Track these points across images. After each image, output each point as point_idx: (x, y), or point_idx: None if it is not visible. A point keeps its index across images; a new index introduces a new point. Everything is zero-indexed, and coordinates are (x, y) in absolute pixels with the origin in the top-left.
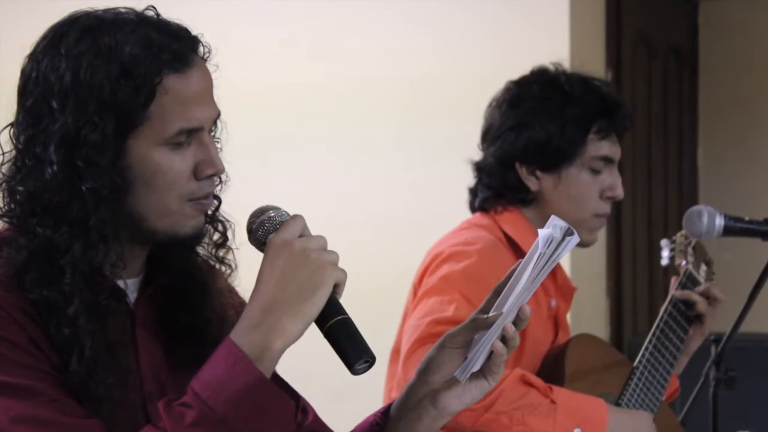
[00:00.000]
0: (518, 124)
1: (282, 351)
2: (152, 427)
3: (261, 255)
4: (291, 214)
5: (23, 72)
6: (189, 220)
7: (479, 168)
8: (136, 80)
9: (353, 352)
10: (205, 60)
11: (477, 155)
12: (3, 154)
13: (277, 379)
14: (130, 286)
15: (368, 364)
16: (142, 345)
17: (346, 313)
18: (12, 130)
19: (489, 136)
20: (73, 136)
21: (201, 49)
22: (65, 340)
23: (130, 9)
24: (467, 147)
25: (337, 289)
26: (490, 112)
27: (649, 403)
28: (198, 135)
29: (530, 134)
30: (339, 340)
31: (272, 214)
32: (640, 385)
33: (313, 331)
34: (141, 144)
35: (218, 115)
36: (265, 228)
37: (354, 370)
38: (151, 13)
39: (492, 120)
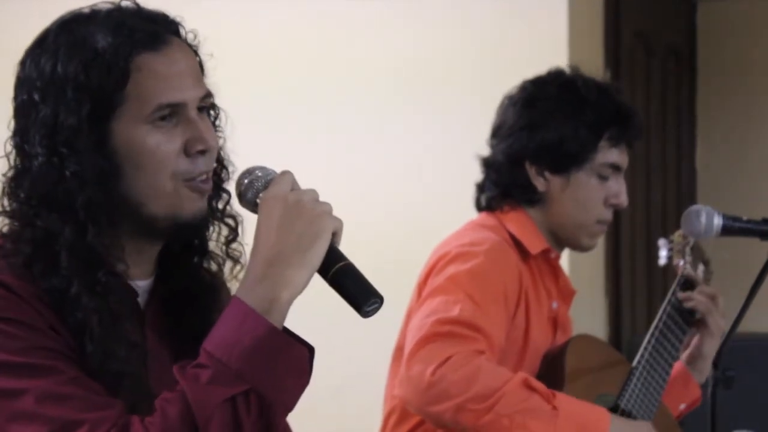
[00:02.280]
0: (531, 124)
1: (290, 302)
2: (169, 392)
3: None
4: (278, 171)
5: (15, 78)
6: (187, 203)
7: (488, 164)
8: (108, 61)
9: (361, 294)
10: (194, 48)
11: (478, 155)
12: (7, 159)
13: (288, 331)
14: (141, 287)
15: (377, 305)
16: (150, 347)
17: (348, 259)
18: (12, 137)
19: (500, 133)
20: (53, 123)
21: (182, 32)
22: (77, 323)
23: (110, 2)
24: (466, 146)
25: (335, 237)
26: (504, 109)
27: (648, 404)
28: (183, 113)
29: (543, 135)
30: (345, 285)
31: (259, 174)
32: (639, 385)
33: (314, 331)
34: (124, 125)
35: (206, 94)
36: (254, 188)
37: (364, 312)
38: (128, 3)
39: (505, 117)
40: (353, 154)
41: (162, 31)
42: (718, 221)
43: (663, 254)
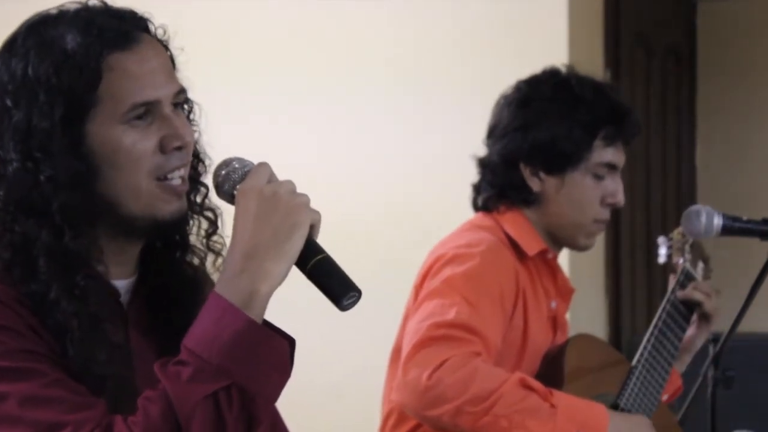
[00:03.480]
0: (525, 124)
1: (269, 294)
2: (151, 390)
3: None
4: (255, 162)
5: None
6: (164, 204)
7: (483, 165)
8: (80, 62)
9: (339, 288)
10: (164, 43)
11: (477, 156)
12: None
13: (268, 323)
14: (123, 287)
15: (355, 298)
16: (135, 347)
17: (326, 252)
18: None
19: (495, 134)
20: (26, 127)
21: (152, 28)
22: (57, 326)
23: (77, 2)
24: (466, 147)
25: (312, 230)
26: (499, 109)
27: (648, 403)
28: (158, 110)
29: (537, 135)
30: (323, 278)
31: (236, 165)
32: (639, 384)
33: (313, 331)
34: (98, 126)
35: (180, 90)
36: (231, 180)
37: (342, 306)
38: (95, 2)
39: (500, 117)
40: (353, 154)
41: (131, 28)
42: (718, 221)
43: (662, 252)
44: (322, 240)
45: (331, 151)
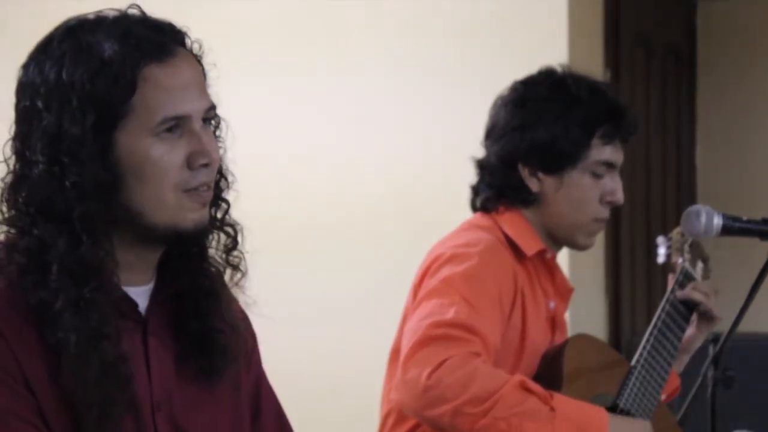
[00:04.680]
0: (523, 125)
1: None
2: None
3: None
4: None
5: (17, 82)
6: (188, 213)
7: (481, 166)
8: (116, 71)
9: None
10: (198, 58)
11: (476, 155)
12: (6, 164)
13: None
14: (140, 293)
15: None
16: (152, 354)
17: None
18: (11, 143)
19: (493, 135)
20: (56, 132)
21: (188, 42)
22: (57, 343)
23: (115, 9)
24: (466, 147)
25: None
26: (496, 110)
27: (647, 403)
28: (187, 125)
29: (534, 135)
30: None
31: None
32: (638, 384)
33: (313, 331)
34: (128, 136)
35: (211, 106)
36: None
37: None
38: (134, 10)
39: (497, 118)
40: (353, 154)
41: (169, 41)
42: (717, 221)
43: (662, 252)
44: (322, 240)
45: (329, 152)
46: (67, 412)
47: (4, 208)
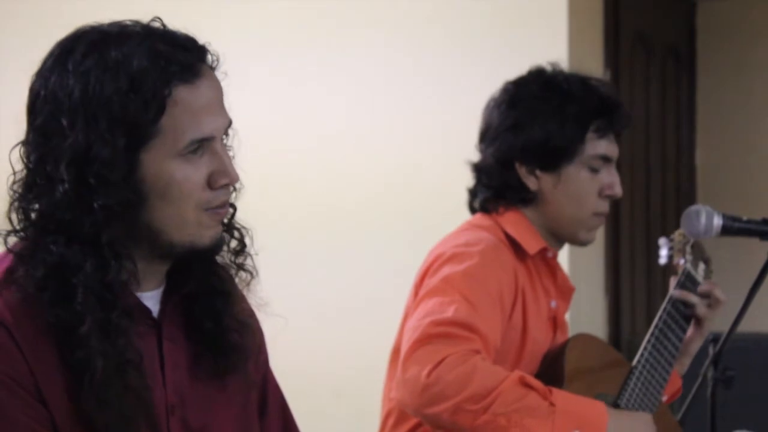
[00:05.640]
0: (517, 124)
1: None
2: None
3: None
4: None
5: (31, 90)
6: (206, 231)
7: (478, 169)
8: (146, 93)
9: None
10: (213, 69)
11: (475, 155)
12: (15, 173)
13: None
14: (152, 297)
15: None
16: (168, 358)
17: None
18: (22, 149)
19: (488, 137)
20: (84, 152)
21: (209, 58)
22: (80, 362)
23: (136, 22)
24: (465, 147)
25: None
26: (488, 112)
27: (648, 403)
28: (210, 145)
29: (529, 134)
30: None
31: None
32: (639, 385)
33: (313, 331)
34: (154, 157)
35: (230, 123)
36: None
37: None
38: (157, 24)
39: (490, 120)
40: (352, 154)
41: (195, 61)
42: (718, 221)
43: (663, 253)
44: (322, 239)
45: (330, 152)
46: (81, 426)
47: (14, 217)
